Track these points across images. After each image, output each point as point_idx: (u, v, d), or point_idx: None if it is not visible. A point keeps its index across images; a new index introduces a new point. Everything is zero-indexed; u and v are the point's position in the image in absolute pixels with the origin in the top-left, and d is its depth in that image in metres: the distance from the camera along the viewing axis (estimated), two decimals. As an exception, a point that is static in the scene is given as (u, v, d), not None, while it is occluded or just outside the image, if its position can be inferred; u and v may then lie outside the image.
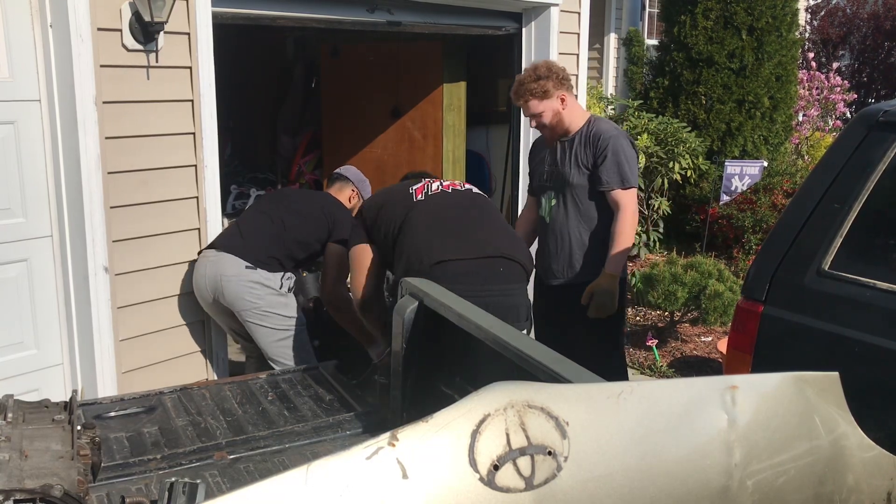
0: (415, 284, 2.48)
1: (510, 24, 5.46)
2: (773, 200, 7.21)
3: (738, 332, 2.69)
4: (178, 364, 3.72)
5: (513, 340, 1.97)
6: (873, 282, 2.43)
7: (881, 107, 2.64)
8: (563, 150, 3.60)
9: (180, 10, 3.44)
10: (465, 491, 1.35)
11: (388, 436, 1.32)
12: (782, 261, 2.61)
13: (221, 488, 2.15)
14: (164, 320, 3.64)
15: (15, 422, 1.85)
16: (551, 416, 1.42)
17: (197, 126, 3.61)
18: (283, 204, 3.93)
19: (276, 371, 3.14)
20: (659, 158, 7.34)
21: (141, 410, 2.57)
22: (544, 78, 3.45)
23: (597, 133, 3.48)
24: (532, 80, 3.47)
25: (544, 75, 3.46)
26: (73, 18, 3.12)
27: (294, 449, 2.41)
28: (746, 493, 1.57)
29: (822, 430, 1.68)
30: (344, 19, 4.36)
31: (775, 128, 8.18)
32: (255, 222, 3.78)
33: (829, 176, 2.61)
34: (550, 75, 3.46)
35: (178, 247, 3.65)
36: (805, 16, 12.26)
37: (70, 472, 1.66)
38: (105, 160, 3.30)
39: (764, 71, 7.94)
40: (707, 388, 1.60)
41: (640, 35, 9.48)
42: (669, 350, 5.45)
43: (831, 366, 1.78)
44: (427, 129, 5.92)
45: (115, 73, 3.31)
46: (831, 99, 9.39)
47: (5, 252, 3.23)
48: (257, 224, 3.76)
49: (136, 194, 3.46)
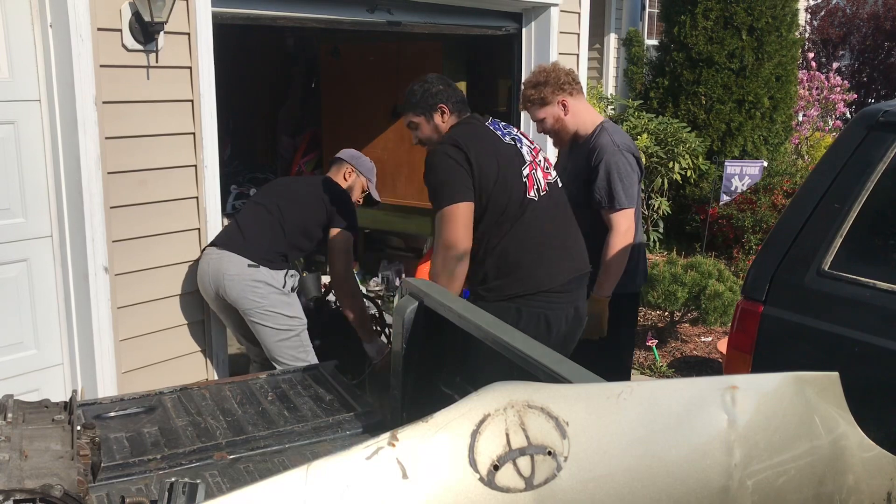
0: (415, 284, 2.48)
1: (510, 24, 5.46)
2: (773, 200, 7.21)
3: (738, 332, 2.69)
4: (178, 364, 3.72)
5: (513, 340, 1.96)
6: (873, 282, 2.44)
7: (881, 107, 2.64)
8: (567, 159, 3.57)
9: (180, 10, 3.44)
10: (465, 491, 1.35)
11: (388, 436, 1.32)
12: (782, 261, 2.61)
13: (221, 488, 2.15)
14: (164, 320, 3.64)
15: (15, 422, 1.85)
16: (551, 416, 1.42)
17: (197, 126, 3.61)
18: (277, 191, 3.90)
19: (276, 371, 3.14)
20: (659, 158, 7.35)
21: (141, 410, 2.57)
22: (542, 84, 3.43)
23: (594, 146, 3.38)
24: (531, 87, 3.47)
25: (542, 81, 3.44)
26: (73, 18, 3.12)
27: (294, 449, 2.41)
28: (746, 493, 1.57)
29: (822, 430, 1.68)
30: (344, 19, 4.37)
31: (775, 128, 8.18)
32: (253, 216, 3.75)
33: (829, 176, 2.61)
34: (549, 81, 3.43)
35: (179, 247, 3.65)
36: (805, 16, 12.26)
37: (70, 472, 1.65)
38: (105, 160, 3.30)
39: (764, 71, 7.95)
40: (707, 388, 1.60)
41: (640, 35, 9.48)
42: (669, 350, 5.45)
43: (831, 366, 1.78)
44: (427, 129, 5.91)
45: (115, 73, 3.31)
46: (831, 99, 9.40)
47: (5, 252, 3.23)
48: (256, 217, 3.72)
49: (136, 194, 3.46)
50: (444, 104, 3.04)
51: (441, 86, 3.07)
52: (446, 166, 2.87)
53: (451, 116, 3.05)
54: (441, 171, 2.88)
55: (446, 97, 3.05)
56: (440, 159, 2.89)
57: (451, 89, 3.09)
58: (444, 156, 2.89)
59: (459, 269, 2.88)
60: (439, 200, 2.87)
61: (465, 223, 2.86)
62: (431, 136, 3.09)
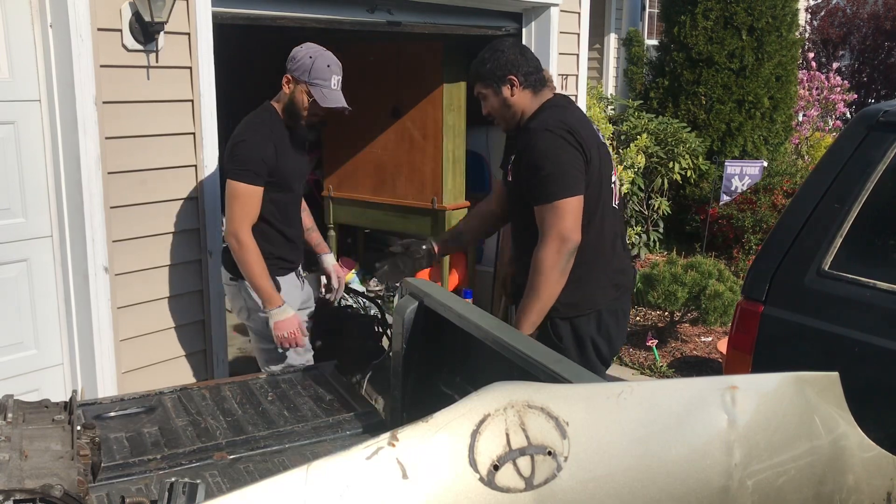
0: (415, 284, 2.48)
1: (510, 24, 5.46)
2: (773, 200, 7.21)
3: (738, 332, 2.69)
4: (178, 364, 3.72)
5: (513, 340, 1.97)
6: (873, 282, 2.44)
7: (881, 107, 2.64)
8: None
9: (180, 10, 3.44)
10: (465, 491, 1.35)
11: (388, 436, 1.32)
12: (782, 261, 2.61)
13: (221, 488, 2.15)
14: (164, 320, 3.64)
15: (15, 422, 1.85)
16: (551, 416, 1.42)
17: (197, 126, 3.61)
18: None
19: (276, 371, 3.14)
20: (659, 158, 7.35)
21: (141, 410, 2.57)
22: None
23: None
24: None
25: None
26: (73, 18, 3.12)
27: (294, 449, 2.41)
28: (746, 493, 1.57)
29: (821, 430, 1.68)
30: (344, 19, 4.37)
31: (775, 128, 8.18)
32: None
33: (829, 176, 2.62)
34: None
35: (179, 247, 3.65)
36: (805, 16, 12.26)
37: (70, 472, 1.66)
38: (105, 160, 3.30)
39: (764, 71, 7.95)
40: (707, 388, 1.60)
41: (640, 35, 9.49)
42: (669, 350, 5.45)
43: (831, 366, 1.78)
44: (427, 129, 5.92)
45: (116, 73, 3.31)
46: (831, 99, 9.40)
47: (5, 252, 3.23)
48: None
49: (136, 194, 3.46)
50: (515, 76, 2.83)
51: (513, 54, 2.84)
52: (563, 153, 2.70)
53: (525, 91, 2.85)
54: (557, 158, 2.69)
55: (516, 67, 2.83)
56: (555, 144, 2.70)
57: (524, 59, 2.85)
58: (560, 141, 2.70)
59: (570, 266, 2.73)
60: (553, 189, 2.68)
61: (580, 216, 2.71)
62: (502, 111, 2.90)
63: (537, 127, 2.77)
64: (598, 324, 2.89)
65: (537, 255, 2.71)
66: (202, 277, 3.75)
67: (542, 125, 2.76)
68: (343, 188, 6.50)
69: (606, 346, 2.93)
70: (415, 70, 5.94)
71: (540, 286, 2.71)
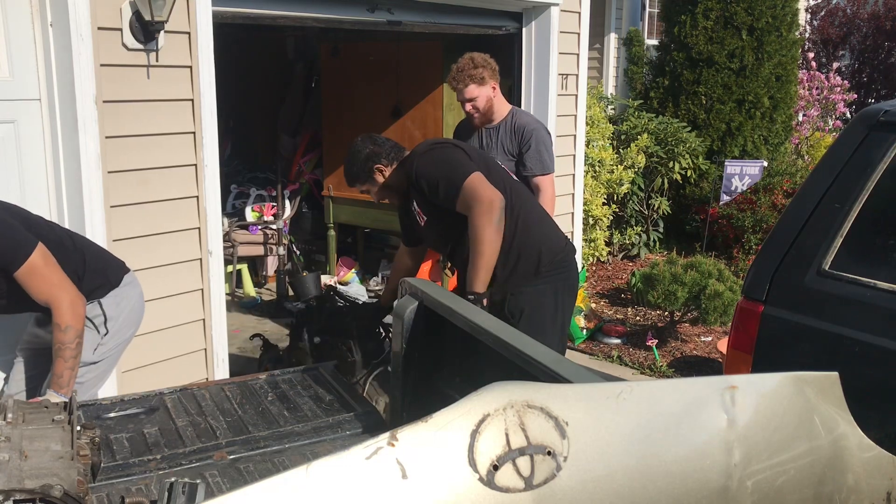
0: (415, 284, 2.48)
1: (510, 23, 5.46)
2: (773, 200, 7.21)
3: (738, 332, 2.70)
4: (178, 364, 3.72)
5: (513, 340, 1.97)
6: (873, 282, 2.44)
7: (881, 107, 2.64)
8: (490, 138, 4.02)
9: (181, 10, 3.44)
10: (465, 491, 1.35)
11: (388, 436, 1.32)
12: (782, 261, 2.61)
13: (221, 488, 2.15)
14: (164, 320, 3.64)
15: (15, 422, 1.85)
16: (551, 416, 1.42)
17: (197, 125, 3.61)
18: None
19: (276, 371, 3.14)
20: (659, 158, 7.35)
21: (141, 410, 2.57)
22: (482, 66, 3.87)
23: (521, 125, 3.95)
24: (471, 68, 3.87)
25: (482, 64, 3.87)
26: (73, 17, 3.12)
27: (294, 449, 2.40)
28: (746, 493, 1.57)
29: (821, 430, 1.68)
30: (344, 19, 4.37)
31: (775, 128, 8.18)
32: None
33: (829, 176, 2.62)
34: (487, 65, 3.89)
35: (179, 246, 3.65)
36: (805, 16, 12.26)
37: (70, 472, 1.66)
38: (105, 159, 3.30)
39: (764, 71, 7.94)
40: (707, 388, 1.60)
41: (640, 35, 9.48)
42: (669, 350, 5.45)
43: (831, 366, 1.78)
44: (427, 129, 5.92)
45: (116, 73, 3.31)
46: (831, 99, 9.40)
47: (5, 251, 3.22)
48: None
49: (137, 194, 3.46)
50: (378, 164, 3.30)
51: (367, 147, 3.30)
52: (441, 157, 3.18)
53: (392, 165, 3.32)
54: (439, 163, 3.16)
55: (377, 156, 3.29)
56: (430, 159, 3.18)
57: (377, 146, 3.32)
58: (430, 155, 3.20)
59: (503, 223, 3.08)
60: (455, 181, 3.07)
61: (488, 183, 3.07)
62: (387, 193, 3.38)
63: (412, 169, 3.19)
64: None
65: (472, 224, 3.05)
66: (202, 277, 3.75)
67: (413, 165, 3.20)
68: (343, 188, 6.49)
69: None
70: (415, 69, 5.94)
71: (482, 244, 3.04)
